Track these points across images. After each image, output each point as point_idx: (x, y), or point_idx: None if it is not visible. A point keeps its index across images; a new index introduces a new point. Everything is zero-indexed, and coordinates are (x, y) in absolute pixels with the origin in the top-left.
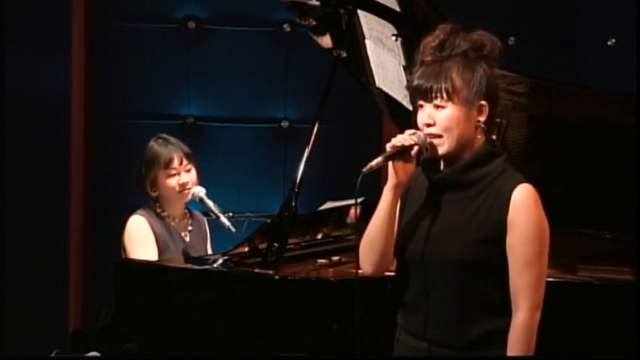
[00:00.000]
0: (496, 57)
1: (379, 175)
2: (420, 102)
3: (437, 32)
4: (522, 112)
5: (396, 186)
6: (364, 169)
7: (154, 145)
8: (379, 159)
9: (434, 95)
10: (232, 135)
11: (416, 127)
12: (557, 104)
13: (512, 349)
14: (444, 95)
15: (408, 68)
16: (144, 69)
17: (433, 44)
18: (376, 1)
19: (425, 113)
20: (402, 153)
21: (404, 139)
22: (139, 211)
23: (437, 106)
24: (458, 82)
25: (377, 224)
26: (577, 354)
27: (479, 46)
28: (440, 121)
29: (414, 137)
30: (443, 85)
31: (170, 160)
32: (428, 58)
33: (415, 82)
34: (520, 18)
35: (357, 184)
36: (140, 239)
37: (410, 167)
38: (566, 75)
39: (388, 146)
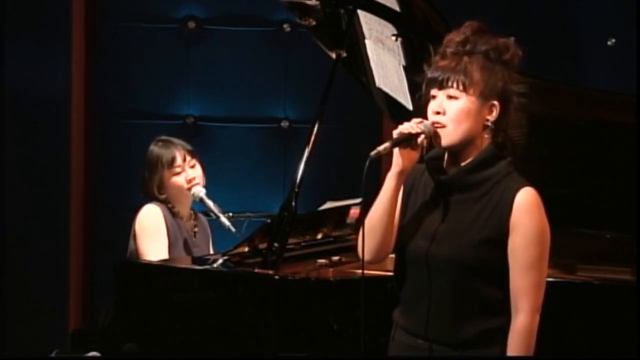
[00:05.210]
0: (515, 65)
1: (379, 173)
2: (433, 93)
3: (462, 29)
4: (522, 112)
5: (400, 173)
6: (372, 153)
7: (155, 148)
8: (386, 145)
9: (450, 84)
10: (232, 135)
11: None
12: (557, 104)
13: (512, 351)
14: (460, 86)
15: (410, 67)
16: (144, 69)
17: (457, 39)
18: (376, 1)
19: (437, 102)
20: (408, 140)
21: (410, 126)
22: (153, 202)
23: (450, 97)
24: (476, 76)
25: (379, 210)
26: (577, 354)
27: (502, 50)
28: (450, 112)
29: (420, 126)
30: (461, 76)
31: (173, 159)
32: (450, 49)
33: (433, 73)
34: (520, 18)
35: (365, 167)
36: (152, 227)
37: (415, 155)
38: (566, 75)
39: (395, 133)
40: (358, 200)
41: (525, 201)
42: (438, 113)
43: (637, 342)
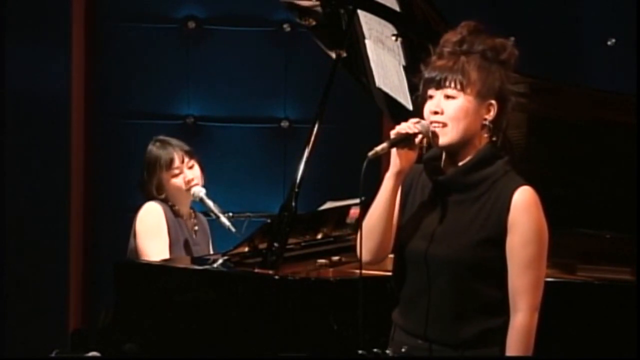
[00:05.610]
0: (512, 65)
1: (379, 173)
2: (431, 93)
3: (459, 29)
4: (522, 112)
5: (398, 173)
6: (370, 154)
7: (153, 148)
8: (384, 145)
9: (447, 84)
10: (232, 135)
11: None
12: (557, 104)
13: (512, 350)
14: (458, 86)
15: (410, 67)
16: (144, 69)
17: (454, 39)
18: (376, 1)
19: (434, 102)
20: (406, 141)
21: (408, 126)
22: (154, 200)
23: (448, 96)
24: (473, 76)
25: (378, 210)
26: (577, 354)
27: (499, 50)
28: (448, 111)
29: (417, 126)
30: (458, 76)
31: (172, 161)
32: (447, 49)
33: (430, 73)
34: (521, 18)
35: (363, 168)
36: (153, 225)
37: (413, 155)
38: (566, 75)
39: (392, 133)
40: (358, 200)
41: (523, 200)
42: (436, 113)
43: (637, 342)
